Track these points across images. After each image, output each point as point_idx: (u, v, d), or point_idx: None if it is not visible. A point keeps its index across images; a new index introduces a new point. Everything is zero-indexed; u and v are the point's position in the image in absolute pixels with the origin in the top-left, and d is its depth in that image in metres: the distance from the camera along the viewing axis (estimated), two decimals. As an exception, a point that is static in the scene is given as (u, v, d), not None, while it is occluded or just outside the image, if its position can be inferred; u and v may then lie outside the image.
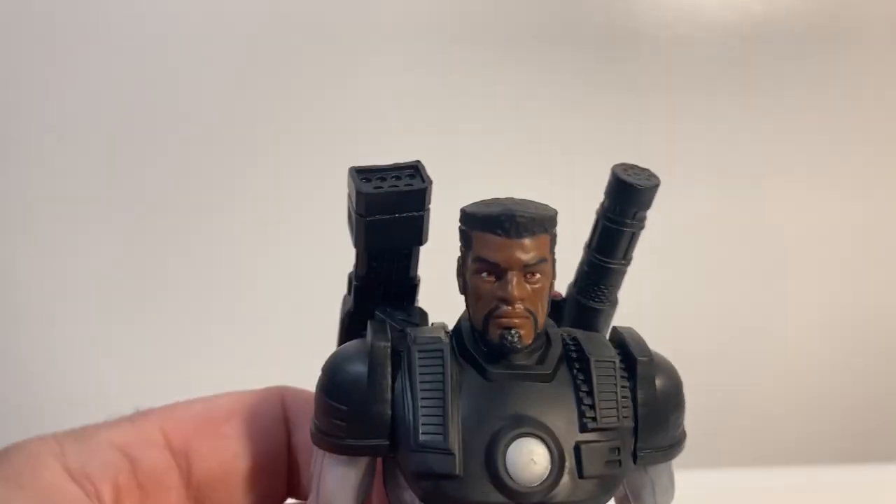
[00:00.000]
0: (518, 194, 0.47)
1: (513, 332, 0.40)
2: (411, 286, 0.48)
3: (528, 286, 0.40)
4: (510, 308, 0.40)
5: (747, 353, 1.06)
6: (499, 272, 0.40)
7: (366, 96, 0.96)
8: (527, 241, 0.40)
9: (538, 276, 0.40)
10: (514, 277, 0.40)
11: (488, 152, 0.90)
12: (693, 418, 1.03)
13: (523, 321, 0.40)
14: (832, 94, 1.03)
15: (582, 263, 0.49)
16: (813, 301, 1.07)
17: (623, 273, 0.49)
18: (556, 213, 0.42)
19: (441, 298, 0.47)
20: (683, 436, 0.45)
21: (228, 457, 0.49)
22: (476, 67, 0.96)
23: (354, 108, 0.95)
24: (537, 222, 0.40)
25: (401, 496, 0.43)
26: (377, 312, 0.47)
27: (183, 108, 0.98)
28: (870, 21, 1.02)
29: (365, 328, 0.45)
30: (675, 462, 0.46)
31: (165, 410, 0.50)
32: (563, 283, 0.51)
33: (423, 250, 0.48)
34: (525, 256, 0.40)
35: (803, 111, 1.03)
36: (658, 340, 0.44)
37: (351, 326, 0.49)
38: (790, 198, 1.05)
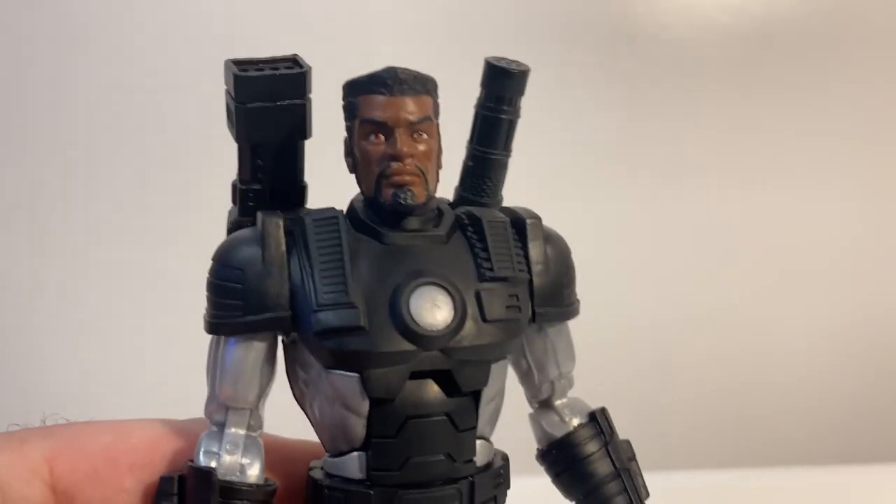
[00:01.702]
0: (517, 194, 0.49)
1: (405, 189, 0.41)
2: (299, 188, 0.48)
3: (416, 145, 0.41)
4: (400, 165, 0.41)
5: (747, 354, 1.07)
6: (386, 131, 0.41)
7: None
8: (410, 100, 0.41)
9: (424, 136, 0.41)
10: (401, 135, 0.41)
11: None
12: (694, 419, 1.04)
13: (414, 179, 0.41)
14: (832, 93, 1.05)
15: (465, 160, 0.50)
16: (813, 303, 1.08)
17: (505, 165, 0.50)
18: (435, 80, 0.43)
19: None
20: (577, 301, 0.46)
21: None
22: (476, 68, 0.97)
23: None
24: (419, 80, 0.41)
25: (305, 378, 0.42)
26: None
27: (183, 109, 0.96)
28: (870, 21, 1.05)
29: None
30: (675, 463, 0.47)
31: (64, 436, 0.43)
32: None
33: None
34: (410, 115, 0.41)
35: (803, 111, 1.05)
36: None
37: None
38: (791, 198, 1.06)
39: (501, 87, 0.48)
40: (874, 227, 1.09)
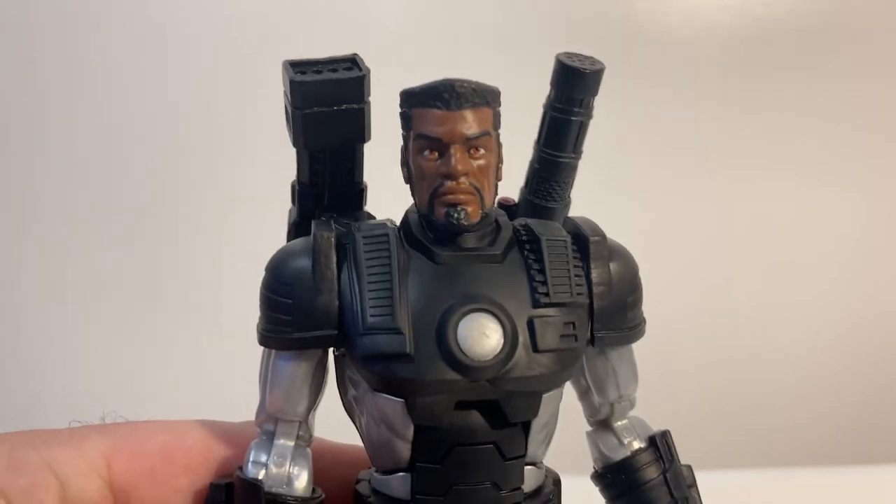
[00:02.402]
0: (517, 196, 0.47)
1: (458, 208, 0.39)
2: (357, 190, 0.47)
3: (472, 161, 0.39)
4: (454, 184, 0.39)
5: (749, 355, 1.06)
6: (441, 148, 0.39)
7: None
8: (468, 113, 0.39)
9: (482, 151, 0.39)
10: (456, 152, 0.39)
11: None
12: (695, 420, 1.05)
13: (469, 197, 0.39)
14: (833, 94, 1.02)
15: (532, 161, 0.48)
16: (815, 306, 1.06)
17: (574, 168, 0.48)
18: (498, 89, 0.40)
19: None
20: (643, 321, 0.44)
21: None
22: (477, 68, 0.96)
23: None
24: (478, 93, 0.39)
25: (354, 394, 0.42)
26: (323, 217, 0.45)
27: (182, 111, 0.97)
28: (870, 22, 1.02)
29: None
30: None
31: (122, 434, 0.44)
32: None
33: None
34: (467, 129, 0.39)
35: (804, 111, 1.03)
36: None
37: (297, 238, 0.47)
38: (793, 197, 1.04)
39: (573, 87, 0.45)
40: (880, 230, 1.06)
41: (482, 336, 0.38)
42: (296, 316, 0.40)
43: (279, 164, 0.51)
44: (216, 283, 0.98)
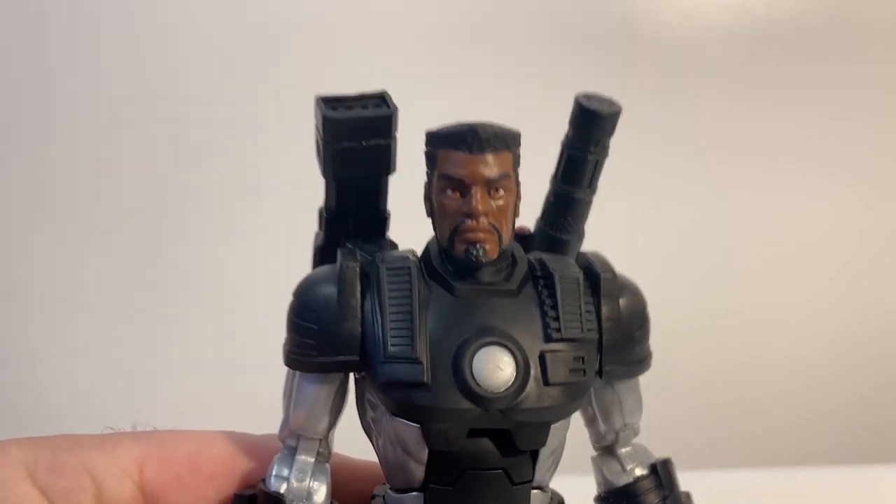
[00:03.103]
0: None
1: (477, 246, 0.41)
2: (381, 219, 0.49)
3: (491, 202, 0.41)
4: (474, 222, 0.41)
5: (749, 355, 1.07)
6: (463, 188, 0.41)
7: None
8: (489, 157, 0.41)
9: (502, 192, 0.41)
10: (477, 192, 0.41)
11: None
12: (696, 420, 1.05)
13: (487, 236, 0.41)
14: (834, 94, 1.03)
15: (548, 195, 0.50)
16: (815, 306, 1.07)
17: (589, 203, 0.50)
18: (518, 132, 0.43)
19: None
20: (649, 355, 0.46)
21: None
22: (476, 68, 0.97)
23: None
24: (500, 138, 0.41)
25: (372, 416, 0.44)
26: (347, 244, 0.48)
27: (183, 110, 0.98)
28: (871, 23, 1.02)
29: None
30: (677, 463, 0.47)
31: (152, 442, 0.47)
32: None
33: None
34: (488, 172, 0.41)
35: (805, 111, 1.03)
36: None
37: (322, 261, 0.49)
38: (793, 197, 1.05)
39: (590, 128, 0.48)
40: (880, 230, 1.07)
41: (496, 369, 0.40)
42: (320, 341, 0.42)
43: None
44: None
